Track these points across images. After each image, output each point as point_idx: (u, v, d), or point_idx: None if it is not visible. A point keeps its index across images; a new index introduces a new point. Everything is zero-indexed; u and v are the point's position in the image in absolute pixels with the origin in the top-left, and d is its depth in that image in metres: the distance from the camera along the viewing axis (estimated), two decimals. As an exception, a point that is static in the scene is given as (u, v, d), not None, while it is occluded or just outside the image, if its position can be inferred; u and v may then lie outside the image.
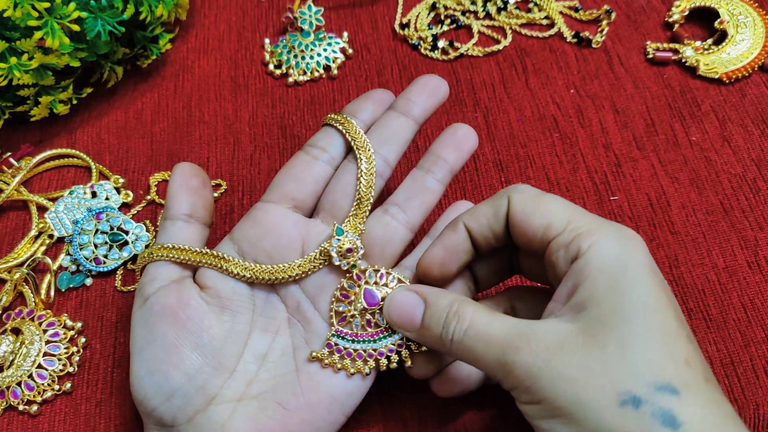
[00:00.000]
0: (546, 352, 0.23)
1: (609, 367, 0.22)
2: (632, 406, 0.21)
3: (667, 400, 0.21)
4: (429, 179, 0.32)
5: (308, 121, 0.44)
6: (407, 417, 0.32)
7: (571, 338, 0.23)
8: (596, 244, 0.24)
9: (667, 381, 0.22)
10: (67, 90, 0.42)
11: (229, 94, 0.45)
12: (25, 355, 0.34)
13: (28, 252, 0.38)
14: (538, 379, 0.23)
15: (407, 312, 0.28)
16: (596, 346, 0.23)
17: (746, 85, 0.43)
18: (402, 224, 0.31)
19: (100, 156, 0.43)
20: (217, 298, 0.29)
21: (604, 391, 0.22)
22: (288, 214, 0.31)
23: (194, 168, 0.32)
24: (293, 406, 0.28)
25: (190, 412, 0.27)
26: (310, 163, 0.32)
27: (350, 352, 0.29)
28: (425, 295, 0.28)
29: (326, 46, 0.46)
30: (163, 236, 0.31)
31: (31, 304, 0.36)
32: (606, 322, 0.23)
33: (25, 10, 0.34)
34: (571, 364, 0.23)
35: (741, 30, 0.44)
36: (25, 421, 0.33)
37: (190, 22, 0.49)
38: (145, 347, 0.28)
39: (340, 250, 0.30)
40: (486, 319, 0.25)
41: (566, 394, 0.22)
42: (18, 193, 0.40)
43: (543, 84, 0.44)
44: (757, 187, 0.38)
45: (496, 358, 0.24)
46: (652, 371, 0.22)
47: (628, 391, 0.22)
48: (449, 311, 0.26)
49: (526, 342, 0.24)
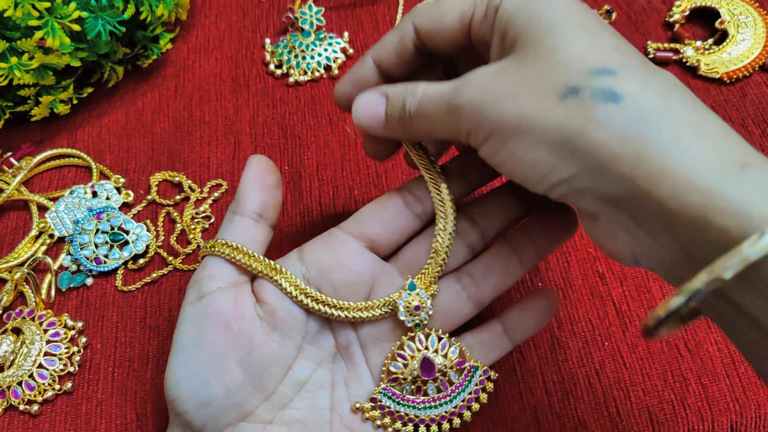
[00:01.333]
0: (485, 85, 0.24)
1: (543, 73, 0.23)
2: (572, 96, 0.22)
3: (604, 80, 0.21)
4: (514, 261, 0.29)
5: (309, 121, 0.44)
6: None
7: (506, 67, 0.24)
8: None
9: (600, 65, 0.22)
10: (67, 90, 0.42)
11: (229, 94, 0.45)
12: (25, 354, 0.34)
13: (28, 252, 0.38)
14: (483, 109, 0.23)
15: (372, 110, 0.28)
16: (528, 63, 0.23)
17: (747, 84, 0.43)
18: (471, 299, 0.29)
19: (101, 156, 0.43)
20: (272, 316, 0.28)
21: (543, 94, 0.22)
22: (365, 253, 0.29)
23: (270, 164, 0.31)
24: None
25: (221, 424, 0.27)
26: (402, 213, 0.29)
27: (392, 412, 0.28)
28: (385, 91, 0.28)
29: (327, 46, 0.46)
30: (228, 230, 0.29)
31: (32, 303, 0.36)
32: (532, 41, 0.23)
33: (26, 9, 0.34)
34: (508, 83, 0.23)
35: (742, 30, 0.44)
36: (25, 421, 0.33)
37: (190, 22, 0.49)
38: (190, 348, 0.27)
39: (408, 305, 0.28)
40: (435, 86, 0.26)
41: (510, 112, 0.23)
42: (18, 193, 0.40)
43: (544, 84, 0.44)
44: (758, 187, 0.38)
45: (445, 109, 0.25)
46: (584, 61, 0.22)
47: (564, 84, 0.22)
48: (405, 91, 0.27)
49: (468, 84, 0.24)
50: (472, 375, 0.29)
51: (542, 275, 0.37)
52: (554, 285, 0.36)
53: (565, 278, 0.36)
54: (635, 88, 0.21)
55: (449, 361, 0.29)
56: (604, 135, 0.21)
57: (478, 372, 0.29)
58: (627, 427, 0.32)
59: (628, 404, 0.33)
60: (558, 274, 0.37)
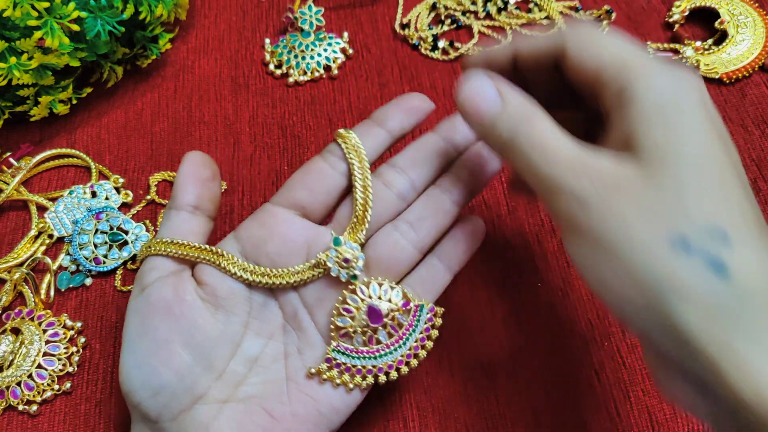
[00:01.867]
0: (603, 188, 0.22)
1: (662, 207, 0.21)
2: (681, 247, 0.21)
3: (717, 246, 0.20)
4: (446, 200, 0.31)
5: (309, 122, 0.44)
6: (408, 418, 0.32)
7: (629, 179, 0.22)
8: (650, 80, 0.23)
9: (719, 226, 0.21)
10: (66, 90, 0.42)
11: (229, 94, 0.45)
12: (24, 355, 0.34)
13: (27, 252, 0.38)
14: (590, 209, 0.22)
15: (483, 106, 0.26)
16: (652, 188, 0.22)
17: (746, 85, 0.43)
18: (411, 244, 0.30)
19: (100, 156, 0.43)
20: (213, 296, 0.29)
21: (655, 230, 0.21)
22: (296, 220, 0.30)
23: (205, 158, 0.31)
24: (279, 414, 0.28)
25: (175, 410, 0.27)
26: (326, 173, 0.31)
27: (349, 368, 0.29)
28: (502, 90, 0.26)
29: (326, 46, 0.46)
30: (166, 226, 0.30)
31: (31, 303, 0.36)
32: (662, 162, 0.22)
33: (25, 9, 0.34)
34: (625, 202, 0.22)
35: (741, 30, 0.44)
36: (24, 421, 0.33)
37: (190, 22, 0.49)
38: (136, 339, 0.28)
39: (338, 259, 0.29)
40: (554, 135, 0.24)
41: (616, 229, 0.22)
42: (18, 193, 0.40)
43: (543, 84, 0.44)
44: (758, 187, 0.38)
45: (552, 175, 0.23)
46: (706, 214, 0.21)
47: (678, 231, 0.21)
48: (522, 109, 0.25)
49: (584, 169, 0.23)
50: (419, 314, 0.29)
51: (542, 275, 0.37)
52: (554, 285, 0.36)
53: (564, 278, 0.36)
54: (746, 266, 0.20)
55: (395, 305, 0.29)
56: (699, 311, 0.20)
57: (424, 310, 0.29)
58: (627, 427, 0.32)
59: (628, 404, 0.33)
60: (558, 275, 0.37)
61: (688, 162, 0.22)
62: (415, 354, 0.29)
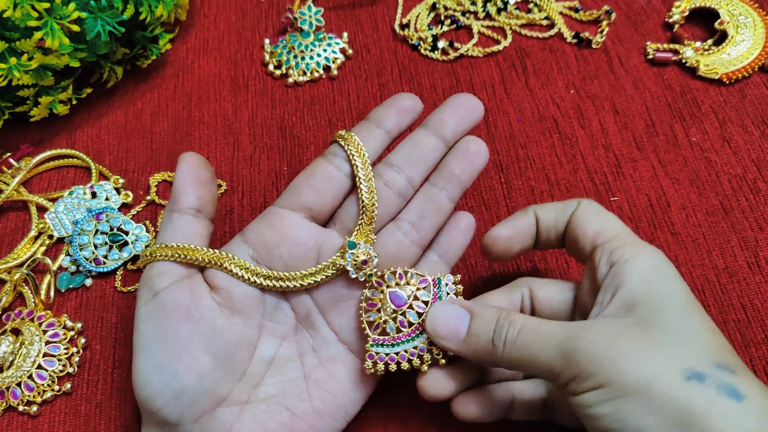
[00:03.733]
0: (606, 339, 0.24)
1: (669, 348, 0.24)
2: (697, 381, 0.23)
3: (727, 376, 0.23)
4: (443, 198, 0.32)
5: (308, 122, 0.44)
6: (408, 419, 0.32)
7: (628, 328, 0.25)
8: (639, 255, 0.27)
9: (722, 361, 0.24)
10: (66, 90, 0.42)
11: (228, 94, 0.45)
12: (24, 355, 0.34)
13: (27, 252, 0.38)
14: (602, 362, 0.24)
15: (452, 324, 0.28)
16: (653, 332, 0.24)
17: (746, 85, 0.43)
18: (415, 243, 0.31)
19: (100, 156, 0.43)
20: (228, 299, 0.29)
21: (669, 368, 0.23)
22: (305, 223, 0.30)
23: (202, 159, 0.31)
24: (301, 411, 0.29)
25: (197, 412, 0.27)
26: (331, 175, 0.31)
27: (393, 357, 0.29)
28: (469, 308, 0.28)
29: (326, 46, 0.46)
30: (169, 229, 0.30)
31: (31, 304, 0.36)
32: (656, 315, 0.25)
33: (25, 10, 0.34)
34: (632, 344, 0.24)
35: (741, 31, 0.44)
36: (24, 422, 0.33)
37: (189, 23, 0.49)
38: (153, 344, 0.27)
39: (355, 262, 0.29)
40: (537, 322, 0.27)
41: (632, 373, 0.23)
42: (18, 194, 0.40)
43: (543, 84, 0.44)
44: (757, 187, 0.38)
45: (556, 348, 0.25)
46: (710, 353, 0.24)
47: (691, 368, 0.23)
48: (499, 318, 0.27)
49: (585, 332, 0.25)
50: (439, 285, 0.30)
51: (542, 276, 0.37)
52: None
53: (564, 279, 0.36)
54: (754, 391, 0.23)
55: (413, 285, 0.30)
56: (724, 427, 0.22)
57: (442, 282, 0.30)
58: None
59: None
60: (557, 275, 0.37)
61: (683, 316, 0.25)
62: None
